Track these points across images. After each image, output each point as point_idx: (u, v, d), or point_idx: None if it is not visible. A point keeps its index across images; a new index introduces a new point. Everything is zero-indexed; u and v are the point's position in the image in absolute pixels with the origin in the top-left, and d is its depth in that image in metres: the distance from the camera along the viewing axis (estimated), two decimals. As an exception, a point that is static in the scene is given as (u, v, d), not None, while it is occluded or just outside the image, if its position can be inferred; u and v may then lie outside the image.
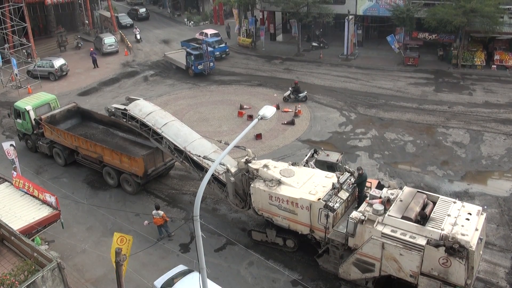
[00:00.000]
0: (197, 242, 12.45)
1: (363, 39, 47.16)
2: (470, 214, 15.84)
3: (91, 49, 46.72)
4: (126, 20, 62.66)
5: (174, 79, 41.51)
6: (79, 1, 55.15)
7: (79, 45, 51.96)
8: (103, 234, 21.62)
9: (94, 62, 44.95)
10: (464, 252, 14.52)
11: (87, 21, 57.09)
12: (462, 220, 15.49)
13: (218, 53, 44.31)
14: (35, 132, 28.09)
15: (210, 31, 50.59)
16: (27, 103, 28.30)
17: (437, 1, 38.99)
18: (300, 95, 34.26)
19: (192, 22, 61.63)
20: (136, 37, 53.39)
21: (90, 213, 23.05)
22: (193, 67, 40.42)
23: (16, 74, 39.22)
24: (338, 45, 45.41)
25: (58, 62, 42.62)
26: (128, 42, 51.84)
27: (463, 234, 14.80)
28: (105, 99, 36.08)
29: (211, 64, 40.90)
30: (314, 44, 46.98)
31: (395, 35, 41.64)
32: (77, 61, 46.99)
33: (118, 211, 22.95)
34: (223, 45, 45.48)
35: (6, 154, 24.01)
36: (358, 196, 18.43)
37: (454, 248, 14.47)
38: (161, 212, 20.32)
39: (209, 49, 40.73)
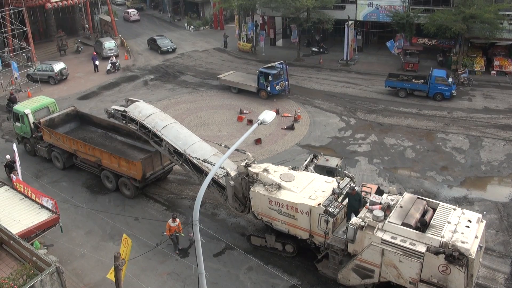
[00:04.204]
0: (196, 247, 12.41)
1: (363, 45, 47.27)
2: (470, 221, 15.78)
3: (94, 53, 46.65)
4: (166, 43, 51.40)
5: (174, 83, 41.52)
6: (80, 5, 55.19)
7: (79, 49, 51.98)
8: (102, 239, 21.55)
9: (95, 66, 44.90)
10: (464, 260, 14.46)
11: (87, 25, 57.13)
12: (462, 228, 15.43)
13: (453, 91, 34.40)
14: (34, 135, 28.03)
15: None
16: (26, 107, 28.26)
17: (437, 7, 39.11)
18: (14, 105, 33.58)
19: (192, 27, 61.79)
20: (108, 65, 44.88)
21: (89, 218, 22.97)
22: (269, 88, 35.72)
23: (16, 78, 39.22)
24: (338, 50, 45.55)
25: (58, 66, 42.59)
26: (128, 46, 51.88)
27: (463, 242, 14.74)
28: (105, 103, 36.03)
29: (285, 82, 36.43)
30: (314, 49, 47.11)
31: (395, 41, 41.75)
32: (77, 65, 47.01)
33: (117, 215, 22.87)
34: (450, 80, 34.85)
35: (15, 155, 24.02)
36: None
37: (454, 256, 14.42)
38: (170, 222, 19.78)
39: (282, 66, 36.26)
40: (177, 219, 19.90)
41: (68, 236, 21.38)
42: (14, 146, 24.58)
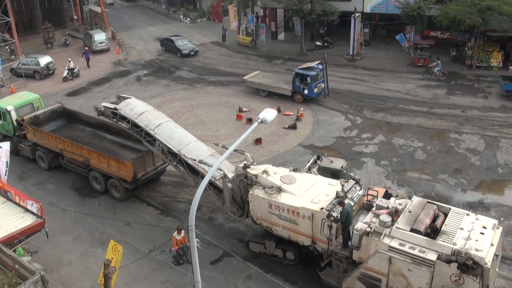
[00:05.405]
0: (192, 254, 12.41)
1: (370, 39, 47.31)
2: (485, 227, 15.71)
3: (86, 48, 46.53)
4: (186, 45, 48.19)
5: (169, 79, 41.59)
6: (68, -5, 55.34)
7: (67, 42, 52.02)
8: (91, 245, 21.55)
9: (88, 61, 44.82)
10: (478, 269, 14.38)
11: (75, 17, 57.13)
12: (476, 234, 15.37)
13: None
14: (16, 134, 28.05)
15: None
16: (9, 103, 28.21)
17: (450, -2, 39.15)
18: None
19: (189, 19, 61.86)
20: (65, 71, 42.07)
21: (77, 222, 22.96)
22: (306, 91, 34.42)
23: (-1, 72, 39.25)
24: (344, 44, 45.62)
25: (44, 60, 42.61)
26: (120, 39, 51.88)
27: (477, 250, 14.67)
28: (95, 100, 36.04)
29: (324, 84, 35.14)
30: (318, 43, 47.15)
31: (405, 34, 41.73)
32: (64, 59, 46.75)
33: (108, 220, 22.87)
34: None
35: (4, 154, 23.88)
36: (342, 234, 17.33)
37: (467, 265, 14.34)
38: (176, 235, 19.63)
39: (320, 67, 34.82)
40: (183, 231, 19.73)
41: (54, 242, 21.36)
42: (7, 145, 24.16)
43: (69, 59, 43.01)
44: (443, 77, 37.78)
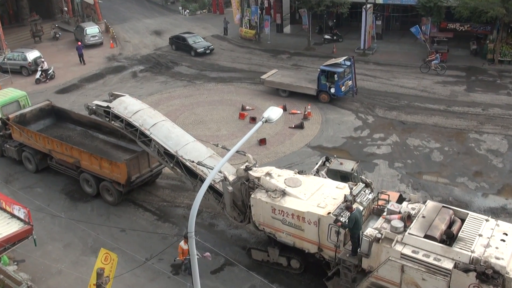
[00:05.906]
0: (191, 263, 12.48)
1: (383, 31, 47.41)
2: (506, 234, 15.68)
3: (79, 43, 46.62)
4: (200, 43, 47.21)
5: (167, 75, 41.75)
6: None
7: (57, 35, 52.19)
8: (83, 253, 21.65)
9: (81, 57, 44.96)
10: (499, 279, 14.32)
11: (66, 8, 57.37)
12: (496, 241, 15.34)
13: None
14: (1, 133, 28.25)
15: None
16: None
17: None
18: None
19: (188, 11, 62.05)
20: (38, 73, 41.23)
21: (68, 228, 23.07)
22: (333, 90, 33.97)
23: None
24: (354, 38, 45.78)
25: (32, 55, 42.79)
26: (114, 32, 52.07)
27: (497, 258, 14.65)
28: (87, 98, 36.25)
29: (351, 82, 34.79)
30: (326, 36, 47.29)
31: (421, 26, 41.70)
32: (54, 54, 47.28)
33: (101, 226, 22.93)
34: None
35: None
36: (351, 241, 17.31)
37: (487, 274, 14.30)
38: (182, 244, 19.41)
39: (347, 63, 34.39)
40: None
41: (43, 250, 21.50)
42: None
43: (43, 60, 42.24)
44: (442, 71, 37.94)
